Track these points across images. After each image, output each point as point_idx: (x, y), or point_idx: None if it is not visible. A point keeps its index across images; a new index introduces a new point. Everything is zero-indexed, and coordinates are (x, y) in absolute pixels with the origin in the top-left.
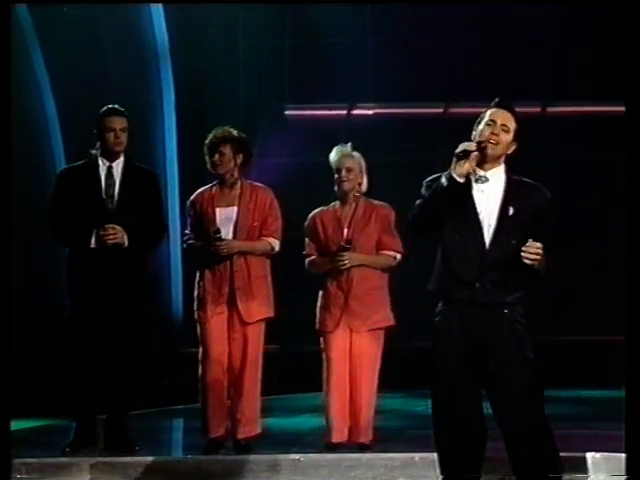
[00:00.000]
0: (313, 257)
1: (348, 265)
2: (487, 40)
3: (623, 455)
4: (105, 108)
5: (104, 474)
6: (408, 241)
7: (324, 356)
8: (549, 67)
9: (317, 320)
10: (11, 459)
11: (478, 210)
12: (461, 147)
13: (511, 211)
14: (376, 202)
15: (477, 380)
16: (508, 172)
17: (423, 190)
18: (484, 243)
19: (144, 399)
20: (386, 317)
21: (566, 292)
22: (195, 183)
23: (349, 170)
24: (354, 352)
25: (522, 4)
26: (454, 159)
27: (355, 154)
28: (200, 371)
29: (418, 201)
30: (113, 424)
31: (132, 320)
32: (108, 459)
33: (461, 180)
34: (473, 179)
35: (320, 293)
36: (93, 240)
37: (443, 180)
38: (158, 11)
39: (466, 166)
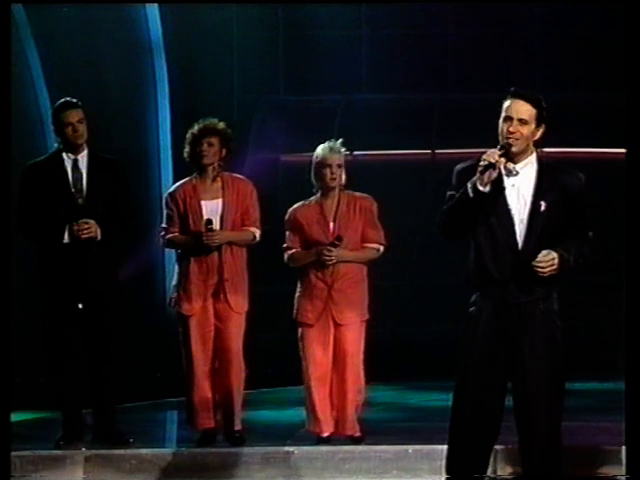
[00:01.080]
0: (294, 250)
1: (334, 262)
2: (485, 34)
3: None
4: (58, 103)
5: (98, 467)
6: (391, 233)
7: (303, 347)
8: (546, 63)
9: (295, 310)
10: (10, 453)
11: (510, 206)
12: (484, 160)
13: (543, 206)
14: (357, 194)
15: (503, 374)
16: (540, 158)
17: (454, 180)
18: (516, 240)
19: (137, 392)
20: (366, 310)
21: (565, 290)
22: (189, 176)
23: (339, 166)
24: (338, 345)
25: (522, 4)
26: (479, 171)
27: (342, 150)
28: (185, 363)
29: (448, 192)
30: (99, 417)
31: (111, 314)
32: (102, 452)
33: (487, 189)
34: (504, 172)
35: (299, 283)
36: (66, 235)
37: (469, 190)
38: (152, 5)
39: (492, 175)
